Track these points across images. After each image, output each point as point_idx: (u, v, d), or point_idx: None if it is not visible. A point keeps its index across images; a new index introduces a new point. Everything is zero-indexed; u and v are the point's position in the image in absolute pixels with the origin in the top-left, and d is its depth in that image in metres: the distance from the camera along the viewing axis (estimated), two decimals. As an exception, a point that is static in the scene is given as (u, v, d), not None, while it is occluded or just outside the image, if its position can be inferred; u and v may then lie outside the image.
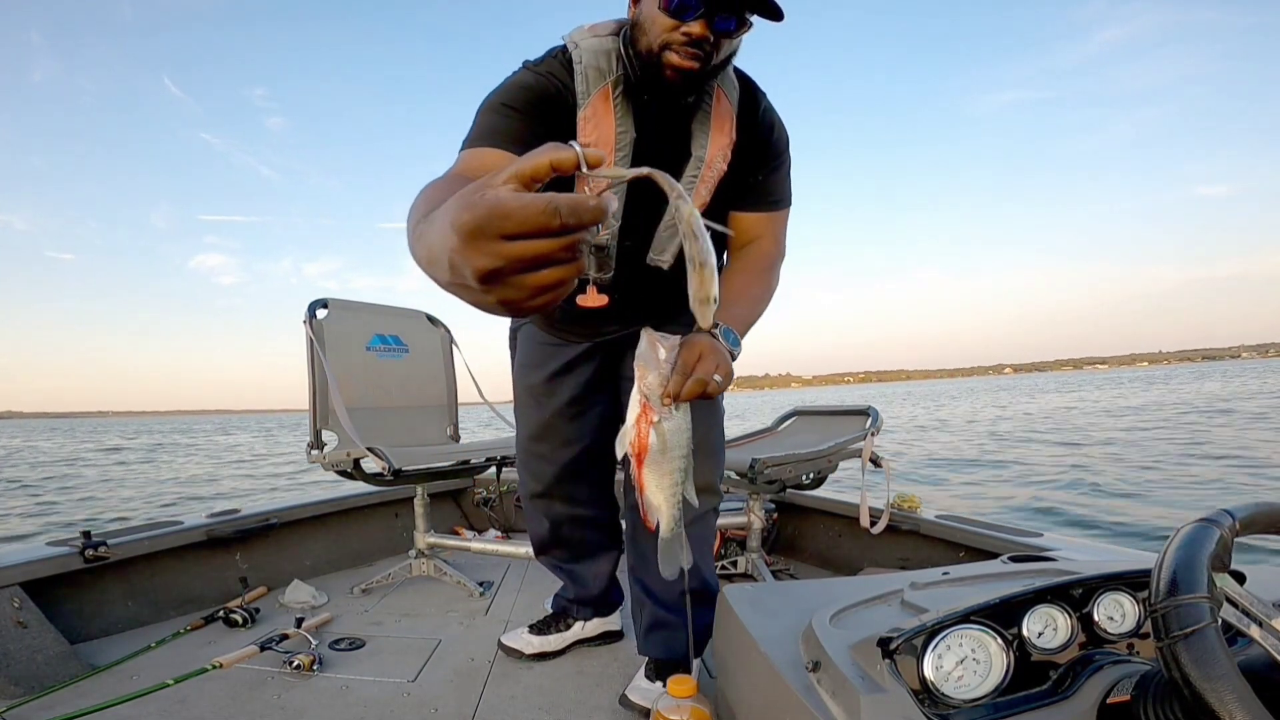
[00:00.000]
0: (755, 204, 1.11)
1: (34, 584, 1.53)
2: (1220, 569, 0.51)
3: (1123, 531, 4.55)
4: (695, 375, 0.80)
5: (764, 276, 1.10)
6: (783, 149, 1.11)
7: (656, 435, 0.83)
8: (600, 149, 1.03)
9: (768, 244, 1.13)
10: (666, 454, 0.83)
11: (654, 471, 0.85)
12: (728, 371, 0.85)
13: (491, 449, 2.17)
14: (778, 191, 1.12)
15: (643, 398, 0.83)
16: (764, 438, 2.27)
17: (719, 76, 1.03)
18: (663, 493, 0.86)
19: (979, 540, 1.71)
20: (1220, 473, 6.62)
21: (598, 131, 1.02)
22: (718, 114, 1.04)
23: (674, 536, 0.88)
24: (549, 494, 1.44)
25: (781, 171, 1.11)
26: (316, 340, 1.99)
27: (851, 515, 1.98)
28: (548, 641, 1.50)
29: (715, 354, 0.83)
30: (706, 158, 1.05)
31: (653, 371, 0.81)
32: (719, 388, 0.83)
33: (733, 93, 1.06)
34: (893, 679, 0.59)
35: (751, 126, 1.07)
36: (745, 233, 1.12)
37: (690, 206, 0.58)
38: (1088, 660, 0.65)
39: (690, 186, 1.07)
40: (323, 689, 1.37)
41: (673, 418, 0.82)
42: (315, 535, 2.28)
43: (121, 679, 1.41)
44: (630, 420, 0.84)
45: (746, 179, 1.10)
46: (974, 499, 6.07)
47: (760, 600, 0.90)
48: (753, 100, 1.08)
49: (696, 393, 0.80)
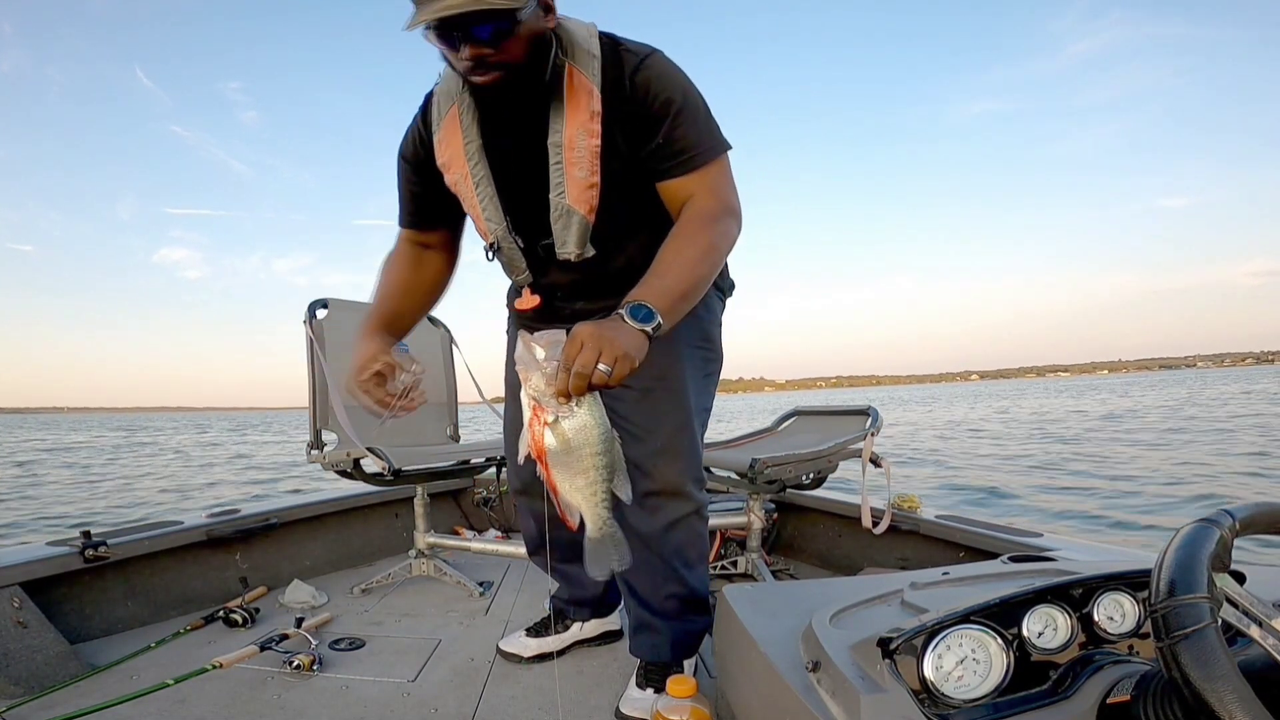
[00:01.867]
0: (670, 168, 1.04)
1: (34, 584, 1.53)
2: (1220, 569, 0.51)
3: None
4: (575, 369, 0.77)
5: (699, 235, 0.99)
6: (667, 100, 1.01)
7: (555, 435, 0.81)
8: (454, 170, 1.10)
9: (701, 200, 1.03)
10: (573, 453, 0.81)
11: (562, 472, 0.83)
12: (621, 354, 0.78)
13: (491, 449, 2.17)
14: (690, 147, 1.03)
15: (531, 400, 0.81)
16: (764, 438, 2.27)
17: (571, 54, 1.01)
18: (578, 493, 0.83)
19: (979, 540, 1.71)
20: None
21: (449, 150, 1.10)
22: (571, 92, 1.01)
23: (603, 536, 0.86)
24: (529, 491, 1.41)
25: (684, 126, 1.02)
26: (316, 340, 1.99)
27: (851, 515, 1.98)
28: (545, 643, 1.49)
29: (599, 340, 0.78)
30: (564, 141, 1.03)
31: (534, 372, 0.80)
32: (604, 377, 0.77)
33: (590, 64, 1.01)
34: (893, 679, 0.59)
35: (620, 93, 1.02)
36: (674, 200, 1.06)
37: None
38: (1088, 660, 0.65)
39: (560, 174, 1.05)
40: (323, 689, 1.37)
41: (574, 415, 0.79)
42: (315, 535, 2.28)
43: (121, 679, 1.41)
44: (525, 423, 0.83)
45: (643, 146, 1.04)
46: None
47: (760, 600, 0.90)
48: (618, 66, 1.02)
49: (580, 387, 0.77)
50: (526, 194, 1.10)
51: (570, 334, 0.80)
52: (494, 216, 1.12)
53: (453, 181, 1.12)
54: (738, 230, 1.04)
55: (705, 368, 1.29)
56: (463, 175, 1.10)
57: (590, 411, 0.80)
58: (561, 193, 1.06)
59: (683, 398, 1.22)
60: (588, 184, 1.05)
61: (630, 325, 0.84)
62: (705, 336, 1.29)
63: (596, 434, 0.80)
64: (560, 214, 1.08)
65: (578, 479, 0.82)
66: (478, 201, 1.11)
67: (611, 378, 0.78)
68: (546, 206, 1.09)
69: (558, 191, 1.06)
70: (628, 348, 0.80)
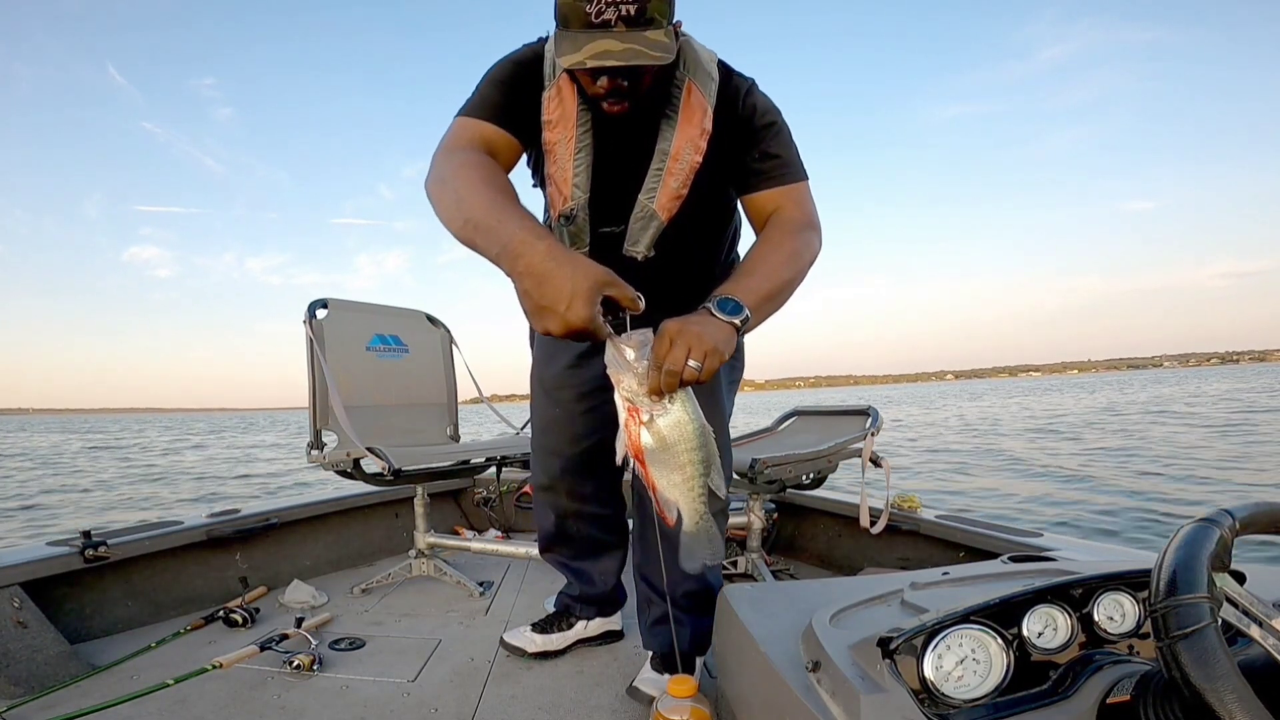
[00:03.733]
0: (763, 181, 1.09)
1: (34, 584, 1.53)
2: (1220, 569, 0.51)
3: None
4: (665, 366, 0.77)
5: (786, 241, 1.02)
6: (770, 122, 1.08)
7: (651, 434, 0.81)
8: (559, 130, 1.07)
9: (788, 211, 1.07)
10: (670, 450, 0.81)
11: (661, 469, 0.83)
12: (710, 348, 0.79)
13: (491, 449, 2.17)
14: (784, 164, 1.08)
15: (625, 402, 0.82)
16: (764, 438, 2.27)
17: (693, 71, 1.04)
18: (676, 489, 0.83)
19: (979, 540, 1.71)
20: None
21: (560, 110, 1.07)
22: (687, 107, 1.05)
23: (699, 530, 0.86)
24: (555, 488, 1.43)
25: (781, 145, 1.09)
26: (316, 340, 1.99)
27: (851, 515, 1.98)
28: (550, 640, 1.50)
29: (687, 337, 0.79)
30: (672, 150, 1.06)
31: (625, 374, 0.80)
32: (695, 373, 0.78)
33: (708, 85, 1.05)
34: (893, 679, 0.59)
35: (731, 114, 1.07)
36: (761, 211, 1.10)
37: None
38: (1088, 660, 0.65)
39: (656, 180, 1.07)
40: (323, 689, 1.37)
41: (668, 413, 0.80)
42: (315, 535, 2.28)
43: (121, 679, 1.41)
44: (620, 424, 0.83)
45: (740, 161, 1.09)
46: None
47: (760, 600, 0.90)
48: (731, 89, 1.07)
49: (672, 384, 0.78)
50: (613, 181, 1.11)
51: (658, 331, 0.81)
52: (582, 186, 1.11)
53: (553, 140, 1.10)
54: (819, 245, 1.06)
55: (731, 374, 1.35)
56: (566, 138, 1.08)
57: (684, 408, 0.80)
58: (652, 196, 1.09)
59: (721, 402, 1.28)
60: (676, 194, 1.08)
61: (719, 318, 0.85)
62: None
63: (692, 429, 0.81)
64: (643, 215, 1.10)
65: (674, 475, 0.83)
66: (573, 167, 1.10)
67: (702, 373, 0.79)
68: (625, 198, 1.11)
69: (649, 195, 1.09)
70: (716, 342, 0.80)
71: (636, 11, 0.86)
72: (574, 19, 0.87)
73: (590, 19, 0.86)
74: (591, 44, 0.87)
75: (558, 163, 1.11)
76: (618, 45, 0.86)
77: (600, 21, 0.86)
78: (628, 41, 0.87)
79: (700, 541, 0.87)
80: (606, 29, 0.87)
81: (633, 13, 0.86)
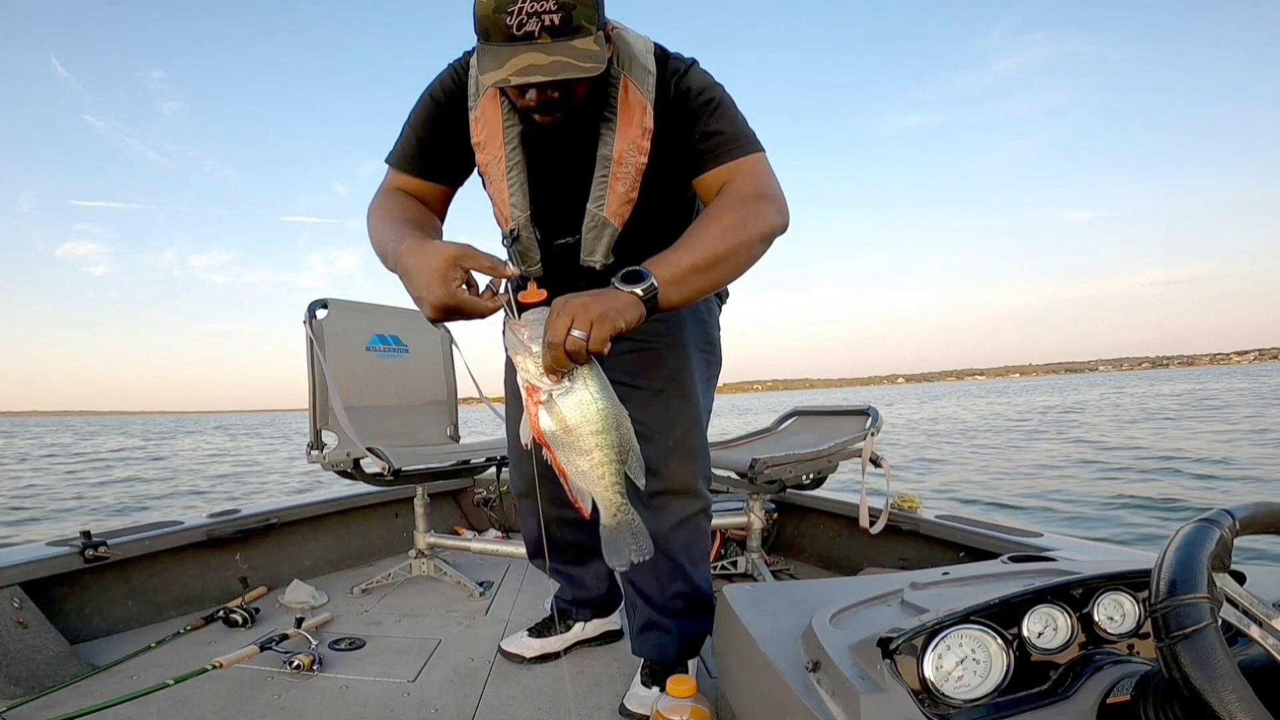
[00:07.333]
0: (707, 160, 1.01)
1: (34, 584, 1.53)
2: (1220, 569, 0.51)
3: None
4: (546, 338, 0.74)
5: (725, 213, 0.93)
6: (709, 99, 1.01)
7: (550, 415, 0.77)
8: (488, 150, 1.06)
9: (735, 184, 0.98)
10: (573, 433, 0.77)
11: (566, 454, 0.79)
12: (596, 316, 0.74)
13: (491, 449, 2.17)
14: (728, 140, 1.00)
15: (524, 383, 0.78)
16: (764, 438, 2.27)
17: (628, 68, 1.00)
18: (585, 478, 0.79)
19: (979, 540, 1.71)
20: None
21: (487, 129, 1.06)
22: (625, 107, 1.00)
23: (618, 524, 0.81)
24: (533, 494, 1.39)
25: (723, 120, 1.01)
26: (316, 340, 1.99)
27: (851, 515, 1.98)
28: (548, 643, 1.50)
29: (571, 308, 0.75)
30: (614, 155, 1.02)
31: (520, 353, 0.77)
32: (580, 343, 0.73)
33: (645, 80, 1.00)
34: (893, 679, 0.59)
35: (665, 99, 1.02)
36: (710, 191, 1.01)
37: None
38: (1088, 660, 0.65)
39: (603, 187, 1.05)
40: (323, 689, 1.37)
41: (570, 392, 0.76)
42: (315, 535, 2.28)
43: (121, 679, 1.41)
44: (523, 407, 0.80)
45: (685, 148, 1.03)
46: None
47: (760, 600, 0.90)
48: (664, 75, 1.02)
49: (559, 357, 0.74)
50: (558, 192, 1.09)
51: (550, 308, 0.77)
52: (520, 204, 1.09)
53: (485, 161, 1.09)
54: (776, 216, 0.95)
55: (708, 370, 1.32)
56: (496, 157, 1.07)
57: (587, 386, 0.76)
58: (601, 204, 1.06)
59: (693, 398, 1.24)
60: (626, 199, 1.05)
61: (617, 288, 0.80)
62: (709, 340, 1.32)
63: (595, 410, 0.76)
64: (595, 224, 1.08)
65: (581, 461, 0.78)
66: (506, 187, 1.08)
67: (591, 342, 0.74)
68: (574, 207, 1.08)
69: (597, 203, 1.06)
70: (606, 309, 0.75)
71: (561, 20, 0.82)
72: (495, 32, 0.83)
73: (511, 31, 0.82)
74: (515, 58, 0.82)
75: (493, 183, 1.11)
76: (544, 58, 0.83)
77: (523, 34, 0.82)
78: (554, 54, 0.83)
79: (621, 536, 0.82)
80: (530, 41, 0.82)
81: (557, 22, 0.81)
